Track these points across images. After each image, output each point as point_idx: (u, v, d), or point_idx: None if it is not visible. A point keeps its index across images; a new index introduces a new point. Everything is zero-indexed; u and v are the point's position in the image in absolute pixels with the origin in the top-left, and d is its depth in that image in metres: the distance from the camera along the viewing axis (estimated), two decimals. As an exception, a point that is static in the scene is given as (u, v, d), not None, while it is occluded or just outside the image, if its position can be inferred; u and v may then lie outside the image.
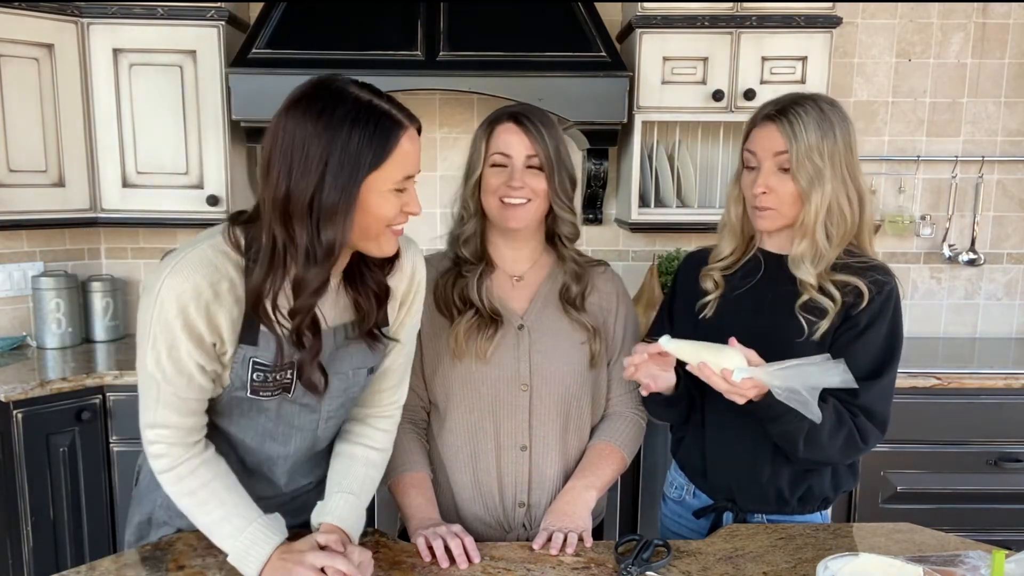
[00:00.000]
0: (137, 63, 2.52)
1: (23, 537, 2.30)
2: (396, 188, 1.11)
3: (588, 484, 1.46)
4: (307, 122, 1.06)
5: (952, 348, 2.93)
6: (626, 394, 1.56)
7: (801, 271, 1.41)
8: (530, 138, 1.42)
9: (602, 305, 1.54)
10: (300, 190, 1.06)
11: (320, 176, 1.05)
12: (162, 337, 1.13)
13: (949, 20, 2.90)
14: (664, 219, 2.69)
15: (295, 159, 1.06)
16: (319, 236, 1.07)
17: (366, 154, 1.06)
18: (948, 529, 1.45)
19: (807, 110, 1.37)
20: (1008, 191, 2.99)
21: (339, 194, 1.06)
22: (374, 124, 1.07)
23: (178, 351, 1.13)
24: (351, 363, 1.26)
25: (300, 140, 1.06)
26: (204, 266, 1.12)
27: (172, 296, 1.10)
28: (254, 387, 1.19)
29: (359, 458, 1.35)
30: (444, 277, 1.49)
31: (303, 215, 1.07)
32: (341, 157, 1.05)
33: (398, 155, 1.09)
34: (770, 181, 1.39)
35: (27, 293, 2.76)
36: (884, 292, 1.39)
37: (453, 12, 2.54)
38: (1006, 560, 1.08)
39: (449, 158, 2.97)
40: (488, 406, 1.46)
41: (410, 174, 1.13)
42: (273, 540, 1.19)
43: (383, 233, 1.15)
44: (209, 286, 1.11)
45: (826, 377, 1.22)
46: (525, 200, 1.43)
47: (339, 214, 1.07)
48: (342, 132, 1.06)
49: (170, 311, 1.11)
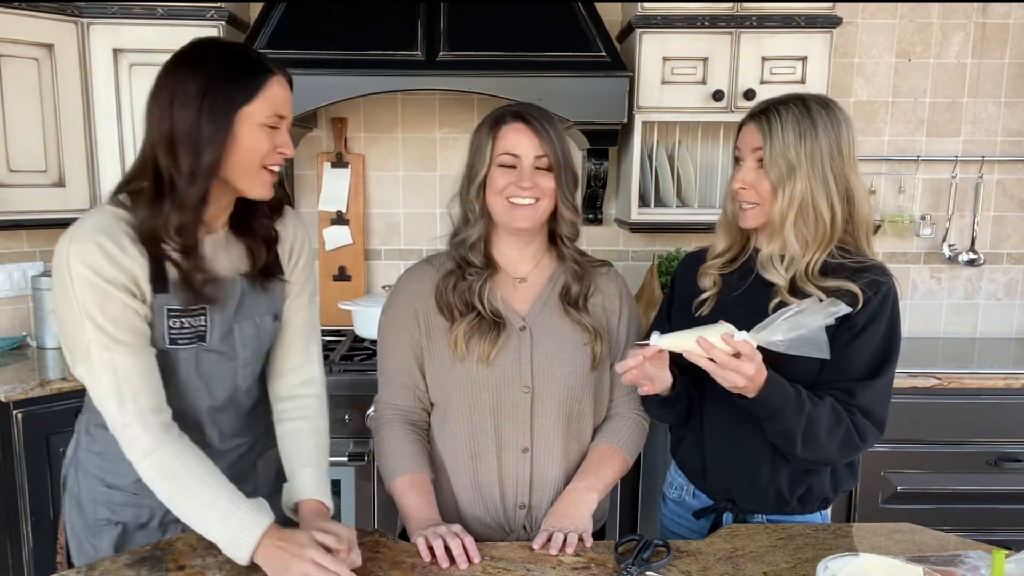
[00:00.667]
0: (137, 63, 2.51)
1: (23, 537, 2.30)
2: (267, 124, 1.25)
3: (589, 486, 1.45)
4: (186, 68, 1.24)
5: (952, 348, 2.93)
6: (628, 395, 1.56)
7: (770, 273, 1.41)
8: (539, 137, 1.42)
9: (605, 306, 1.53)
10: (181, 120, 1.21)
11: (198, 108, 1.20)
12: (90, 302, 1.20)
13: (949, 20, 2.90)
14: (664, 219, 2.69)
15: (177, 96, 1.22)
16: (199, 159, 1.21)
17: (238, 88, 1.22)
18: (948, 529, 1.45)
19: (788, 108, 1.38)
20: (1008, 191, 3.00)
21: (216, 122, 1.21)
22: (245, 65, 1.25)
23: (111, 307, 1.20)
24: (257, 310, 1.38)
25: (181, 81, 1.22)
26: (99, 227, 1.23)
27: (80, 261, 1.19)
28: (172, 336, 1.27)
29: (303, 431, 1.43)
30: (446, 279, 1.48)
31: (185, 142, 1.21)
32: (216, 91, 1.21)
33: (268, 93, 1.24)
34: (748, 177, 1.41)
35: (27, 293, 2.75)
36: (881, 292, 1.39)
37: (453, 12, 2.54)
38: (1006, 560, 1.08)
39: (449, 158, 2.97)
40: (489, 408, 1.45)
41: (281, 114, 1.27)
42: (263, 523, 1.20)
43: (258, 171, 1.27)
44: (111, 241, 1.21)
45: (818, 316, 1.24)
46: (534, 200, 1.42)
47: (216, 139, 1.21)
48: (218, 71, 1.23)
49: (86, 274, 1.19)
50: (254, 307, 1.37)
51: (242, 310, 1.35)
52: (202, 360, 1.33)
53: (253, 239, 1.37)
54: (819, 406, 1.35)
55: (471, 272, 1.47)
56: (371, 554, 1.30)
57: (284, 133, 1.29)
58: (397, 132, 2.96)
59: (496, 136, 1.43)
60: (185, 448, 1.24)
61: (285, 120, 1.28)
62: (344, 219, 2.95)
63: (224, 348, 1.35)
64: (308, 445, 1.42)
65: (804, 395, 1.34)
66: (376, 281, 3.02)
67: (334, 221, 2.94)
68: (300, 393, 1.46)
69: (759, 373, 1.28)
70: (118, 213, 1.26)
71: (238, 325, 1.35)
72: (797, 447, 1.35)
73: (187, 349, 1.30)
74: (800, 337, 1.24)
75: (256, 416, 1.47)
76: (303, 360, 1.47)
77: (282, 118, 1.27)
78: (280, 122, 1.27)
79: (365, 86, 2.45)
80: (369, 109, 2.92)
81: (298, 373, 1.46)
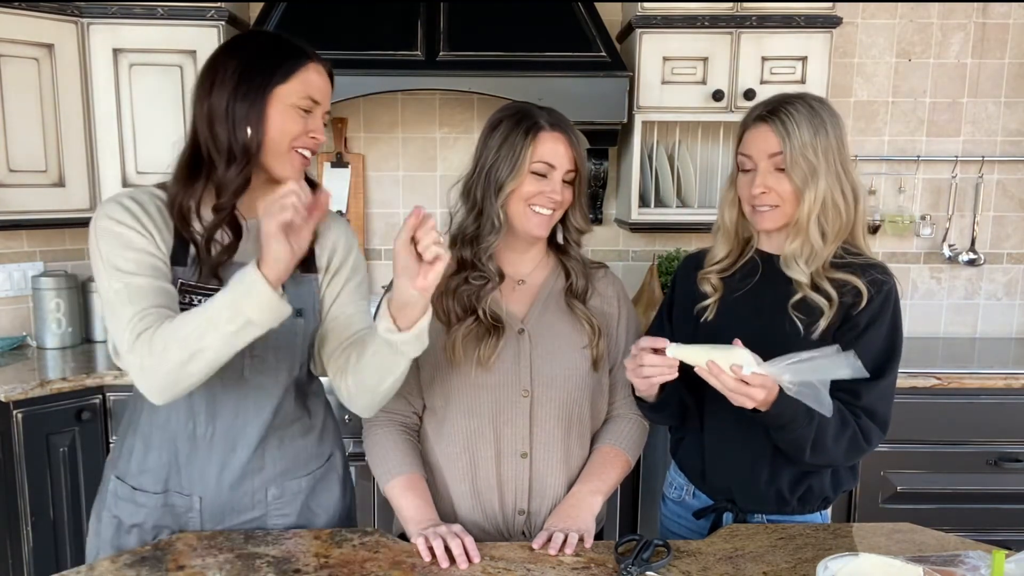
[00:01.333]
0: (137, 63, 2.51)
1: (23, 537, 2.30)
2: (301, 107, 1.27)
3: (594, 488, 1.45)
4: (228, 53, 1.29)
5: (952, 348, 2.93)
6: (629, 397, 1.55)
7: (793, 270, 1.41)
8: (573, 150, 1.41)
9: (604, 309, 1.52)
10: (219, 97, 1.25)
11: (235, 84, 1.24)
12: (112, 250, 1.23)
13: (949, 20, 2.90)
14: (664, 219, 2.69)
15: (217, 76, 1.26)
16: (236, 136, 1.24)
17: (274, 68, 1.25)
18: (948, 529, 1.45)
19: (798, 108, 1.38)
20: (1008, 191, 2.99)
21: (251, 99, 1.24)
22: (284, 49, 1.28)
23: (130, 253, 1.23)
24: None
25: (221, 63, 1.27)
26: (129, 194, 1.29)
27: (105, 216, 1.25)
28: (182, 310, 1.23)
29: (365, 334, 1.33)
30: (447, 282, 1.44)
31: (223, 119, 1.25)
32: (252, 70, 1.25)
33: (303, 76, 1.27)
34: (768, 181, 1.39)
35: (27, 293, 2.75)
36: (883, 292, 1.39)
37: (453, 12, 2.54)
38: (1006, 560, 1.08)
39: (449, 158, 2.97)
40: (488, 413, 1.44)
41: (316, 99, 1.29)
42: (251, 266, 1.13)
43: (288, 153, 1.28)
44: (137, 204, 1.27)
45: (837, 369, 1.22)
46: (552, 211, 1.42)
47: (252, 116, 1.24)
48: (255, 52, 1.28)
49: (108, 224, 1.25)
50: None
51: None
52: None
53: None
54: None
55: (476, 277, 1.44)
56: (371, 554, 1.30)
57: (318, 119, 1.30)
58: (397, 132, 2.96)
59: (535, 143, 1.38)
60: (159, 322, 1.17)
61: (319, 106, 1.30)
62: (344, 219, 2.94)
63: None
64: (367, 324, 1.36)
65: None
66: (376, 281, 3.02)
67: (334, 221, 2.94)
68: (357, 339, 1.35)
69: (770, 392, 1.27)
70: (155, 192, 1.31)
71: None
72: (806, 454, 1.36)
73: None
74: (807, 385, 1.23)
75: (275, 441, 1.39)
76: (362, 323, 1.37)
77: (316, 103, 1.29)
78: (314, 107, 1.29)
79: (365, 86, 2.45)
80: (369, 109, 2.92)
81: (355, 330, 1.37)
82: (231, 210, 1.28)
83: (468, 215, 1.46)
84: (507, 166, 1.39)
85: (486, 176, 1.41)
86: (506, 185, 1.39)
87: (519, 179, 1.39)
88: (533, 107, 1.44)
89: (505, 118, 1.42)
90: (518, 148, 1.38)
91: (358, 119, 2.94)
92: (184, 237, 1.28)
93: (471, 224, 1.45)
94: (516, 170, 1.38)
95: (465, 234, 1.46)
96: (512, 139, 1.39)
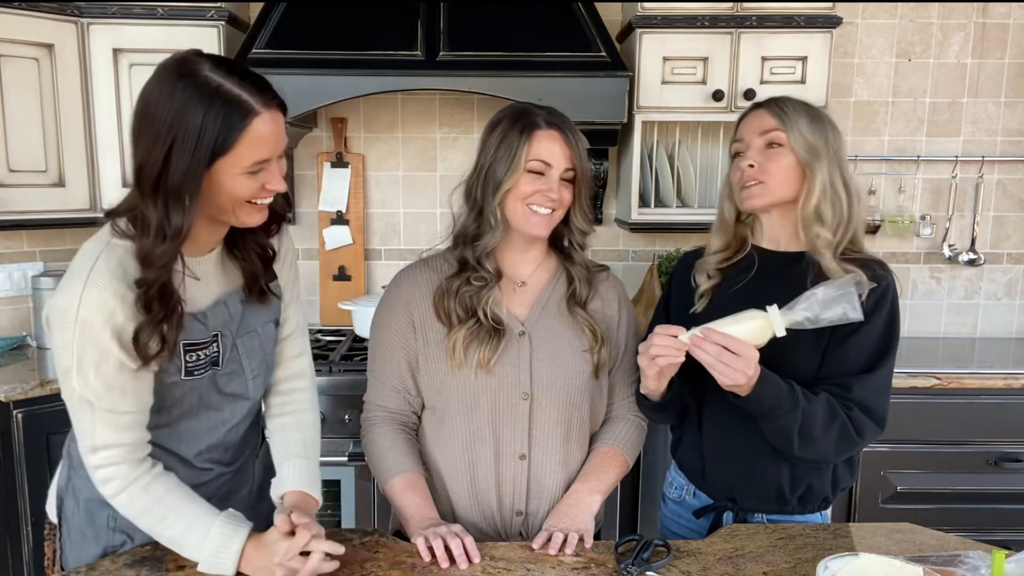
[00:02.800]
0: (137, 63, 2.51)
1: (23, 537, 2.30)
2: (249, 172, 1.11)
3: (592, 488, 1.45)
4: (160, 98, 1.07)
5: (952, 348, 2.93)
6: (628, 398, 1.55)
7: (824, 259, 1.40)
8: (570, 149, 1.40)
9: (605, 312, 1.52)
10: (150, 165, 1.07)
11: (166, 157, 1.06)
12: (89, 356, 1.12)
13: (949, 20, 2.90)
14: (664, 219, 2.69)
15: (144, 131, 1.08)
16: (168, 216, 1.07)
17: (210, 140, 1.06)
18: (948, 529, 1.45)
19: (796, 101, 1.43)
20: (1008, 191, 3.00)
21: (183, 178, 1.06)
22: (219, 109, 1.06)
23: (107, 365, 1.13)
24: (258, 320, 1.34)
25: (152, 115, 1.07)
26: (117, 270, 1.11)
27: (95, 310, 1.10)
28: (188, 368, 1.23)
29: (290, 426, 1.41)
30: (448, 283, 1.44)
31: (152, 191, 1.08)
32: (184, 142, 1.05)
33: (247, 140, 1.08)
34: (757, 157, 1.42)
35: (27, 293, 2.75)
36: (881, 287, 1.39)
37: (453, 12, 2.54)
38: (1006, 560, 1.08)
39: (449, 158, 2.97)
40: (487, 415, 1.43)
41: (265, 158, 1.12)
42: (240, 533, 1.19)
43: (241, 207, 1.15)
44: (129, 288, 1.12)
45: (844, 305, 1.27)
46: (551, 210, 1.41)
47: (184, 197, 1.07)
48: (186, 115, 1.05)
49: (96, 325, 1.10)
50: (254, 318, 1.34)
51: (244, 325, 1.32)
52: (217, 383, 1.30)
53: (247, 259, 1.29)
54: (814, 402, 1.35)
55: (476, 278, 1.43)
56: (371, 554, 1.30)
57: (273, 169, 1.15)
58: (397, 132, 2.96)
59: (530, 141, 1.38)
60: (152, 480, 1.21)
61: (274, 156, 1.15)
62: (344, 219, 2.95)
63: (232, 366, 1.31)
64: (294, 439, 1.39)
65: (798, 391, 1.34)
66: (376, 281, 3.02)
67: (334, 221, 2.94)
68: (288, 388, 1.44)
69: (751, 378, 1.29)
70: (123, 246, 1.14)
71: (241, 340, 1.31)
72: (794, 445, 1.36)
73: (201, 377, 1.27)
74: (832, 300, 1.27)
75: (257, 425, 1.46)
76: (293, 353, 1.44)
77: (267, 159, 1.13)
78: (266, 163, 1.13)
79: (365, 86, 2.45)
80: (369, 109, 2.92)
81: (287, 367, 1.44)
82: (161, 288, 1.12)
83: (469, 215, 1.45)
84: (504, 165, 1.39)
85: (485, 175, 1.41)
86: (503, 184, 1.39)
87: (515, 177, 1.38)
88: (533, 107, 1.44)
89: (504, 118, 1.43)
90: (514, 146, 1.38)
91: (358, 119, 2.94)
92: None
93: (472, 224, 1.45)
94: (512, 168, 1.38)
95: (466, 234, 1.45)
96: (509, 138, 1.39)
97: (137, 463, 1.21)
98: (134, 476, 1.20)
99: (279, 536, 1.18)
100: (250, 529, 1.21)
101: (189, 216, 1.09)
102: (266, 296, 1.33)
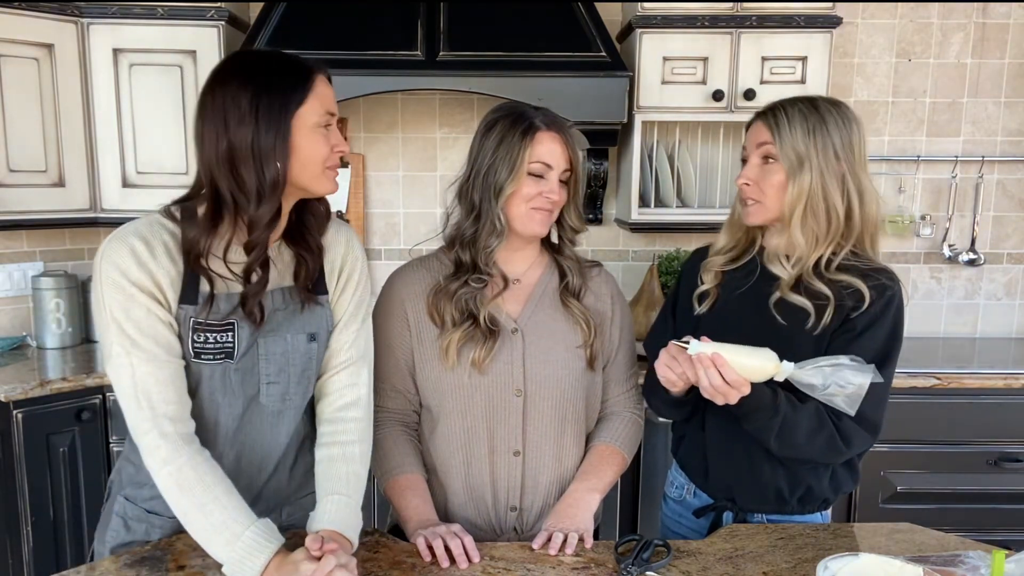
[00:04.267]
0: (137, 63, 2.51)
1: (23, 537, 2.30)
2: (322, 124, 1.23)
3: (591, 487, 1.45)
4: (231, 83, 1.20)
5: (952, 348, 2.93)
6: (623, 394, 1.56)
7: (775, 266, 1.42)
8: (569, 152, 1.42)
9: (598, 308, 1.52)
10: (240, 138, 1.18)
11: (255, 120, 1.18)
12: (116, 305, 1.19)
13: (949, 20, 2.90)
14: (664, 219, 2.69)
15: (229, 114, 1.19)
16: (264, 174, 1.19)
17: (289, 92, 1.20)
18: (948, 529, 1.45)
19: (795, 105, 1.40)
20: (1008, 191, 3.00)
21: (274, 132, 1.19)
22: (289, 69, 1.22)
23: (135, 311, 1.19)
24: (290, 327, 1.32)
25: (230, 98, 1.19)
26: (136, 232, 1.22)
27: (111, 263, 1.19)
28: (196, 349, 1.23)
29: (337, 457, 1.34)
30: (446, 284, 1.44)
31: (247, 159, 1.19)
32: (268, 100, 1.19)
33: (317, 92, 1.23)
34: (752, 173, 1.42)
35: (27, 293, 2.75)
36: (885, 297, 1.38)
37: (453, 12, 2.54)
38: (1006, 560, 1.08)
39: (449, 158, 2.97)
40: (482, 412, 1.43)
41: (332, 111, 1.26)
42: (269, 548, 1.17)
43: (321, 173, 1.26)
44: (144, 246, 1.20)
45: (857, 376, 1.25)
46: (552, 210, 1.43)
47: (277, 149, 1.19)
48: (264, 80, 1.20)
49: (113, 275, 1.19)
50: (287, 323, 1.31)
51: (271, 323, 1.29)
52: (228, 377, 1.28)
53: (307, 249, 1.33)
54: (799, 410, 1.35)
55: (476, 279, 1.43)
56: (371, 554, 1.30)
57: (336, 131, 1.27)
58: (397, 132, 2.96)
59: (532, 143, 1.38)
60: (204, 462, 1.21)
61: (335, 117, 1.27)
62: (344, 219, 2.94)
63: (248, 363, 1.28)
64: (339, 472, 1.33)
65: (782, 398, 1.34)
66: (376, 281, 3.00)
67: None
68: (340, 417, 1.37)
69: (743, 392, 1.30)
70: (164, 223, 1.24)
71: (263, 339, 1.28)
72: (771, 445, 1.37)
73: (212, 365, 1.25)
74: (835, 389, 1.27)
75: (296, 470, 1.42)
76: (349, 382, 1.38)
77: (333, 115, 1.25)
78: (332, 119, 1.25)
79: (365, 86, 2.45)
80: (369, 109, 2.92)
81: (342, 395, 1.38)
82: (266, 245, 1.24)
83: (467, 218, 1.44)
84: (505, 168, 1.38)
85: (484, 178, 1.41)
86: (505, 188, 1.39)
87: (518, 181, 1.39)
88: (528, 107, 1.44)
89: (500, 119, 1.42)
90: (515, 150, 1.38)
91: (358, 119, 2.94)
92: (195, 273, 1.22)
93: (469, 226, 1.44)
94: (515, 172, 1.38)
95: (464, 236, 1.44)
96: (509, 140, 1.39)
97: (187, 438, 1.21)
98: (185, 451, 1.20)
99: (305, 557, 1.16)
100: (281, 544, 1.19)
101: (283, 166, 1.20)
102: (309, 301, 1.32)
